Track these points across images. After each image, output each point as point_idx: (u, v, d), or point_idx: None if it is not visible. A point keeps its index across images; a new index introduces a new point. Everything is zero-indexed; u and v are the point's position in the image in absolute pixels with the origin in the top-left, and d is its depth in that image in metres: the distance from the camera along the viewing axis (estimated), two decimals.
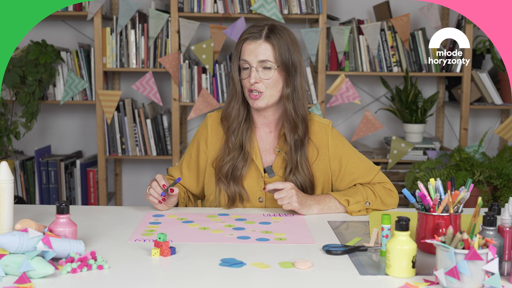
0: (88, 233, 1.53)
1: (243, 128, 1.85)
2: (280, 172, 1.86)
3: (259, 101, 1.79)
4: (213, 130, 1.90)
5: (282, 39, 1.78)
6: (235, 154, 1.83)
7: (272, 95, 1.80)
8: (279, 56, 1.77)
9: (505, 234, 1.33)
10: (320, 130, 1.87)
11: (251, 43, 1.78)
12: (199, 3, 3.35)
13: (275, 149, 1.87)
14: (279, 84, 1.80)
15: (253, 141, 1.87)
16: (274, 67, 1.77)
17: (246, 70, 1.80)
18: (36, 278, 1.19)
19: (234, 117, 1.84)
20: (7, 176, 1.40)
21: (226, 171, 1.83)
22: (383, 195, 1.83)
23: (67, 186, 3.52)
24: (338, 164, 1.86)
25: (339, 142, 1.88)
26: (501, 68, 3.58)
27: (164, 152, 3.49)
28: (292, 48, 1.79)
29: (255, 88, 1.78)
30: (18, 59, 3.26)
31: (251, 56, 1.78)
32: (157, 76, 3.62)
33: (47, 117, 3.76)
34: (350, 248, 1.39)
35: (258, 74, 1.77)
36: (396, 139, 3.46)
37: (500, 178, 3.05)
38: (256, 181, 1.85)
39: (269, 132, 1.89)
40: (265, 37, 1.77)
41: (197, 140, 1.92)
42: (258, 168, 1.86)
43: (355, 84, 3.71)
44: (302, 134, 1.83)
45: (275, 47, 1.77)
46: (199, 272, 1.26)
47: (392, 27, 3.45)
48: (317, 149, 1.86)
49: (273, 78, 1.78)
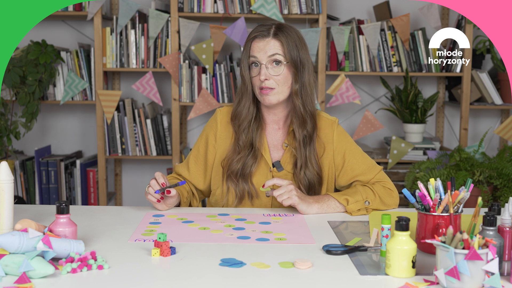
0: (88, 233, 1.53)
1: (253, 127, 1.86)
2: (288, 167, 1.87)
3: (271, 97, 1.81)
4: (223, 125, 1.91)
5: (289, 37, 1.81)
6: (245, 153, 1.85)
7: (282, 91, 1.82)
8: (287, 52, 1.79)
9: (505, 234, 1.33)
10: (326, 126, 1.91)
11: (260, 41, 1.81)
12: (199, 3, 3.35)
13: (283, 144, 1.89)
14: (288, 80, 1.82)
15: (263, 138, 1.88)
16: (284, 62, 1.80)
17: (256, 68, 1.82)
18: (36, 278, 1.19)
19: (245, 115, 1.86)
20: (7, 176, 1.40)
21: (236, 170, 1.84)
22: (382, 195, 1.83)
23: (67, 186, 3.52)
24: (342, 159, 1.89)
25: (344, 138, 1.91)
26: (501, 68, 3.58)
27: (164, 152, 3.49)
28: (300, 45, 1.82)
29: (265, 86, 1.79)
30: (18, 59, 3.26)
31: (260, 53, 1.80)
32: (157, 76, 3.62)
33: (47, 117, 3.76)
34: (350, 248, 1.39)
35: (268, 71, 1.80)
36: (396, 139, 3.46)
37: (500, 178, 3.05)
38: (264, 176, 1.87)
39: (277, 129, 1.91)
40: (273, 35, 1.81)
41: (206, 135, 1.93)
42: (267, 163, 1.87)
43: (355, 84, 3.71)
44: (311, 130, 1.85)
45: (283, 43, 1.80)
46: (199, 272, 1.26)
47: (392, 27, 3.44)
48: (323, 145, 1.89)
49: (283, 74, 1.80)
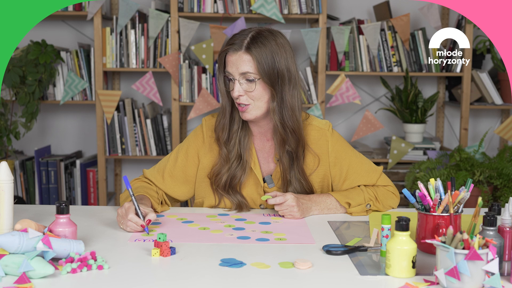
0: (88, 233, 1.53)
1: (240, 136, 1.80)
2: (279, 183, 1.82)
3: (247, 114, 1.74)
4: (208, 135, 1.85)
5: (264, 48, 1.68)
6: (231, 164, 1.79)
7: (259, 106, 1.73)
8: (260, 68, 1.68)
9: (505, 234, 1.33)
10: (320, 137, 1.82)
11: (233, 55, 1.70)
12: (199, 3, 3.35)
13: (273, 158, 1.83)
14: (264, 96, 1.72)
15: (251, 149, 1.82)
16: (256, 80, 1.70)
17: (231, 82, 1.74)
18: (36, 278, 1.19)
19: (221, 130, 1.79)
20: (7, 176, 1.40)
21: (224, 182, 1.79)
22: (385, 199, 1.82)
23: (67, 186, 3.52)
24: (339, 170, 1.83)
25: (340, 147, 1.83)
26: (501, 68, 3.58)
27: (164, 152, 3.49)
28: (278, 54, 1.69)
29: (240, 102, 1.73)
30: (18, 59, 3.26)
31: (233, 68, 1.71)
32: (157, 76, 3.62)
33: (47, 117, 3.76)
34: (350, 248, 1.39)
35: (241, 86, 1.71)
36: (396, 139, 3.46)
37: (500, 178, 3.04)
38: (255, 190, 1.82)
39: (266, 141, 1.84)
40: (246, 48, 1.69)
41: (187, 146, 1.86)
42: (257, 177, 1.82)
43: (355, 84, 3.71)
44: (294, 146, 1.77)
45: (255, 58, 1.68)
46: (199, 272, 1.26)
47: (392, 27, 3.44)
48: (318, 157, 1.81)
49: (257, 90, 1.70)
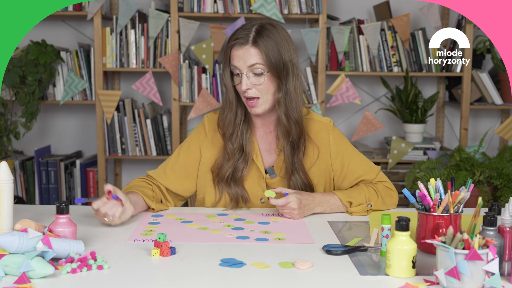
0: (88, 233, 1.52)
1: (242, 129, 1.83)
2: (281, 173, 1.84)
3: (257, 108, 1.77)
4: (211, 131, 1.88)
5: (270, 40, 1.72)
6: (235, 158, 1.82)
7: (267, 100, 1.77)
8: (268, 60, 1.72)
9: (505, 234, 1.33)
10: (321, 129, 1.86)
11: (239, 49, 1.73)
12: (199, 3, 3.35)
13: (275, 149, 1.86)
14: (271, 89, 1.76)
15: (253, 142, 1.85)
16: (264, 73, 1.73)
17: (238, 76, 1.77)
18: (36, 278, 1.19)
19: (228, 124, 1.82)
20: (7, 176, 1.40)
21: (227, 175, 1.81)
22: (385, 195, 1.84)
23: (67, 186, 3.52)
24: (340, 163, 1.86)
25: (341, 141, 1.87)
26: (501, 68, 3.58)
27: (164, 152, 3.49)
28: (283, 47, 1.74)
29: (249, 96, 1.75)
30: (18, 59, 3.26)
31: (240, 62, 1.73)
32: (157, 76, 3.62)
33: (47, 117, 3.75)
34: (350, 248, 1.39)
35: (249, 80, 1.74)
36: (396, 139, 3.46)
37: (500, 178, 3.04)
38: (257, 182, 1.84)
39: (268, 132, 1.88)
40: (252, 42, 1.72)
41: (189, 141, 1.89)
42: (259, 169, 1.84)
43: (355, 84, 3.71)
44: (297, 137, 1.80)
45: (263, 51, 1.71)
46: (199, 272, 1.26)
47: (392, 27, 3.44)
48: (318, 148, 1.85)
49: (265, 84, 1.74)
